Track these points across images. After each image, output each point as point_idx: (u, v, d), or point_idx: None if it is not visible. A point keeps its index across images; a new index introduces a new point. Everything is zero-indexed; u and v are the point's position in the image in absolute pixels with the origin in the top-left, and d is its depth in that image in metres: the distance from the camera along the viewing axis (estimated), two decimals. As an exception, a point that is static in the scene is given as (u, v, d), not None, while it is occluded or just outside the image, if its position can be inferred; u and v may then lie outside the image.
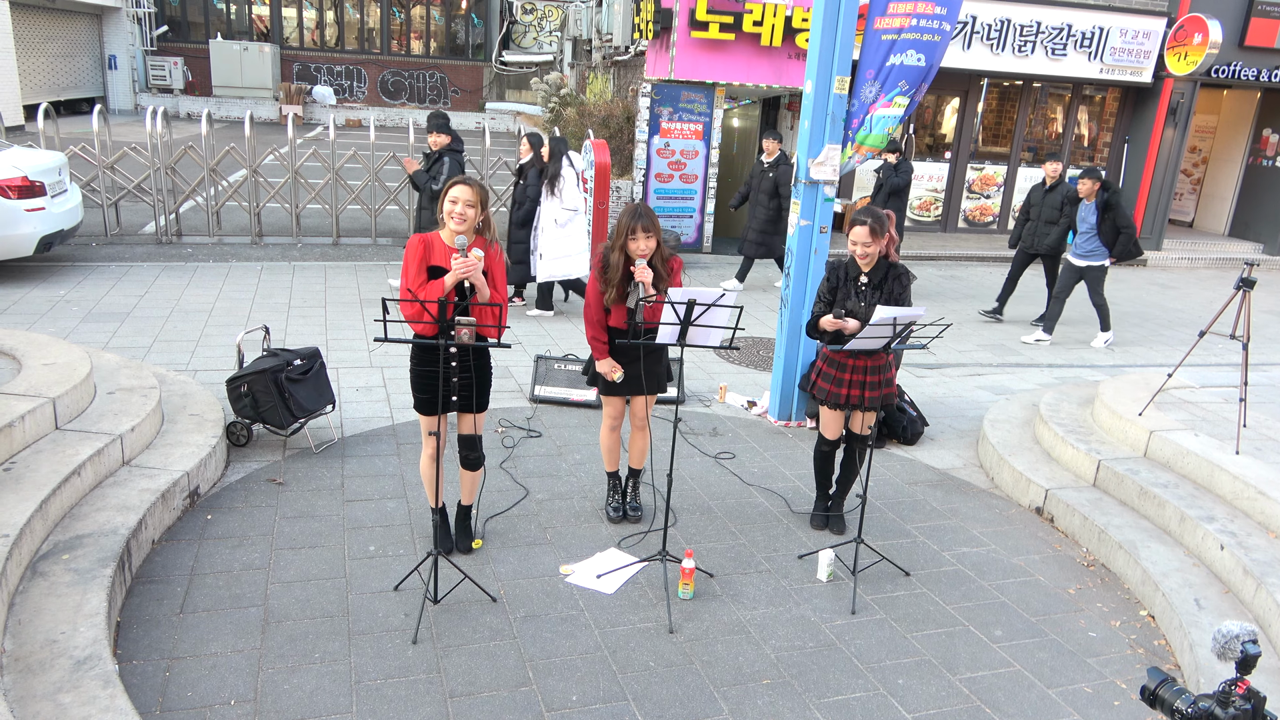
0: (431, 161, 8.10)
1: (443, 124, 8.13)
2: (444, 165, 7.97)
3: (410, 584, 4.13)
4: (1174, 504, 4.87)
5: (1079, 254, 8.94)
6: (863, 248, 4.49)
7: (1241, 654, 2.00)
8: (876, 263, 4.56)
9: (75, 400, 4.79)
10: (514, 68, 27.06)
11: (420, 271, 3.92)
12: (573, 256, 8.40)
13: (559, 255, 8.31)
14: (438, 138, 8.06)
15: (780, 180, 9.73)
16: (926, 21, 5.84)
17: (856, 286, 4.59)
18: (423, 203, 8.10)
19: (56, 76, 21.60)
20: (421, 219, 8.14)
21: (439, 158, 8.05)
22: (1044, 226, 9.35)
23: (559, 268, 8.35)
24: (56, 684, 3.07)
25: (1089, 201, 8.68)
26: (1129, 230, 8.65)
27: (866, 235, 4.46)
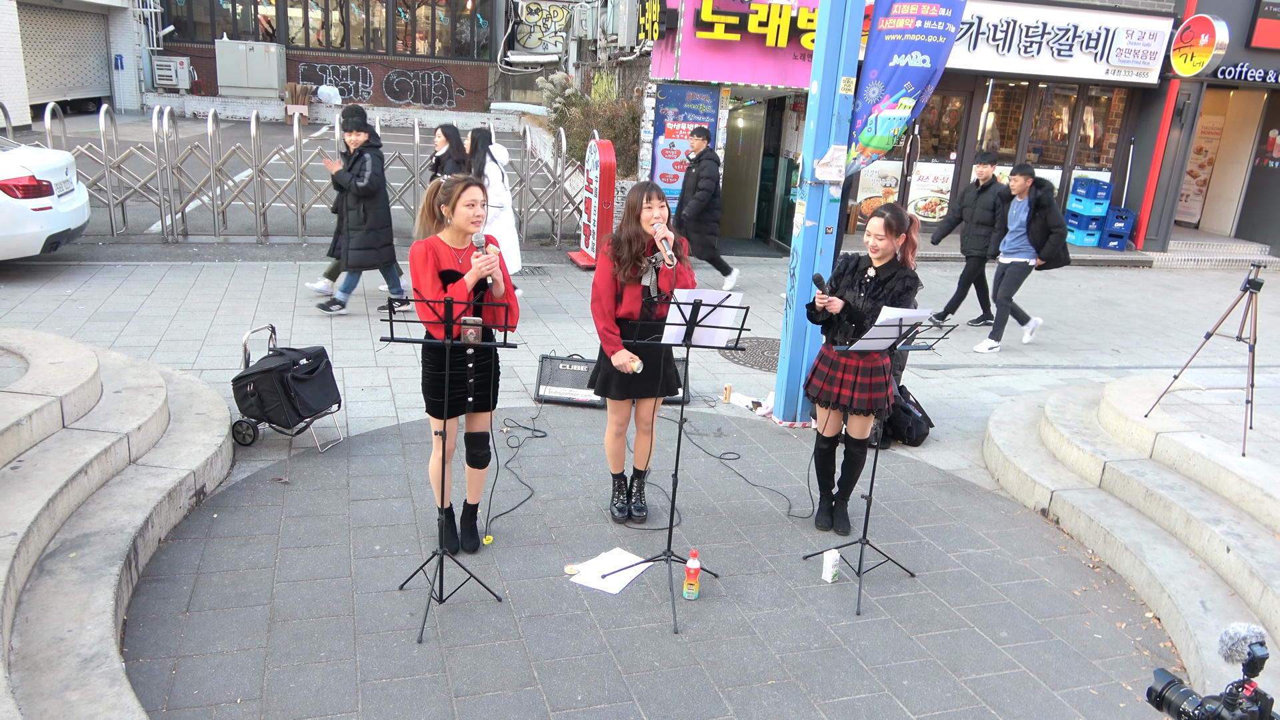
0: (352, 160, 7.86)
1: (359, 121, 7.91)
2: (365, 162, 7.77)
3: (415, 583, 4.14)
4: (1180, 506, 4.86)
5: (1005, 251, 8.68)
6: (875, 239, 4.49)
7: (1249, 656, 1.99)
8: (889, 261, 4.56)
9: (82, 399, 4.80)
10: (519, 68, 27.09)
11: (435, 278, 3.91)
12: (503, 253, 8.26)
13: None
14: (355, 136, 7.83)
15: (701, 175, 9.51)
16: (931, 23, 5.83)
17: (862, 278, 4.60)
18: (349, 202, 7.88)
19: (63, 76, 21.66)
20: (349, 219, 7.89)
21: (359, 155, 7.83)
22: (976, 228, 9.06)
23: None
24: (64, 681, 3.08)
25: (1021, 199, 8.44)
26: (1059, 231, 8.42)
27: (881, 228, 4.46)
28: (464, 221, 3.93)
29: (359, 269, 8.12)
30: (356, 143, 7.84)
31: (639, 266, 4.38)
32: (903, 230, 4.49)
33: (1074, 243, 14.60)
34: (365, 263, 8.06)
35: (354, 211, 7.89)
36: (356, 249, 7.97)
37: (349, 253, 7.99)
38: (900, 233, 4.49)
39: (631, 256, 4.36)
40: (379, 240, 8.04)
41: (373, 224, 7.96)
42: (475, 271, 3.86)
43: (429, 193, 3.98)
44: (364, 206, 7.86)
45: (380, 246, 8.06)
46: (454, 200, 3.90)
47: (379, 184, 7.87)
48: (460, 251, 3.98)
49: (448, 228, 3.97)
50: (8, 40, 18.07)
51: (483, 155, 8.04)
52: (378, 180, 7.83)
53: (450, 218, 3.93)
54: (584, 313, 8.85)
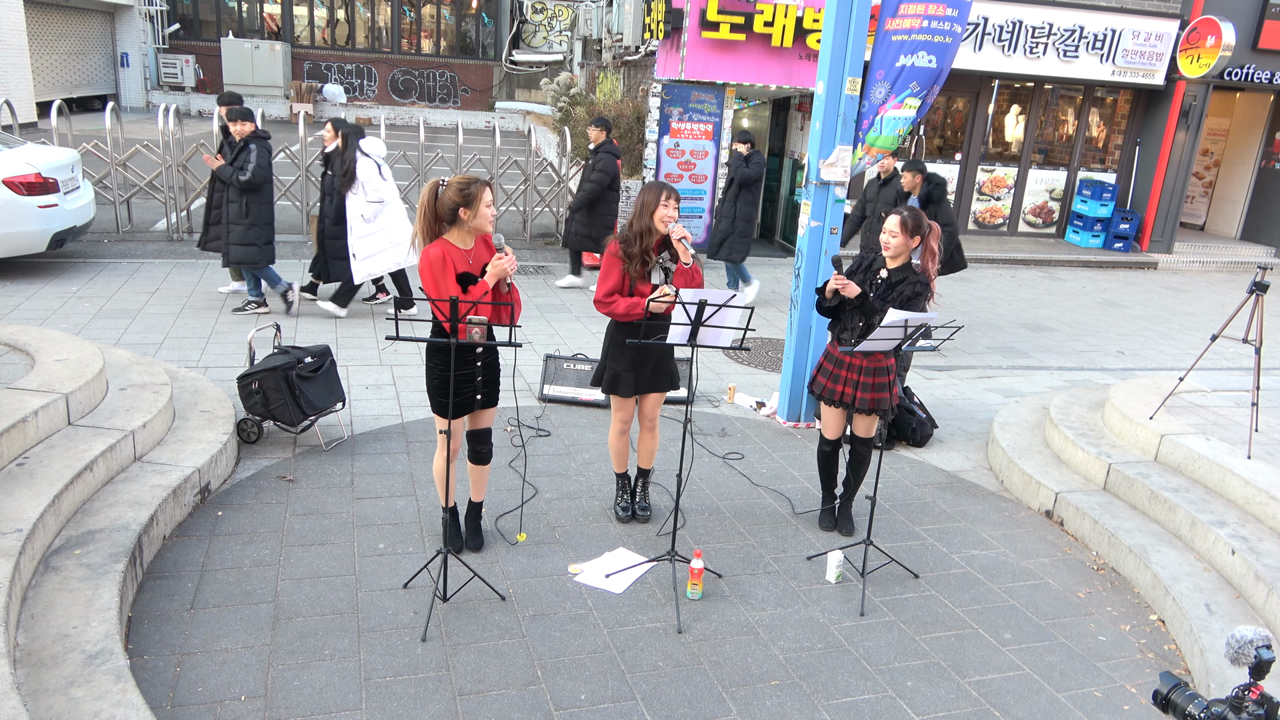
0: (237, 151, 7.50)
1: (245, 110, 7.58)
2: (250, 154, 7.43)
3: (419, 582, 4.14)
4: (1185, 508, 4.85)
5: None
6: (889, 236, 4.48)
7: (1255, 659, 1.99)
8: (902, 265, 4.56)
9: (88, 396, 4.81)
10: (524, 67, 27.10)
11: (454, 281, 3.91)
12: (388, 251, 7.84)
13: (372, 253, 7.78)
14: (242, 126, 7.49)
15: (595, 167, 9.22)
16: (938, 23, 5.83)
17: (874, 278, 4.60)
18: (230, 195, 7.53)
19: (69, 74, 21.70)
20: (229, 213, 7.55)
21: (244, 146, 7.48)
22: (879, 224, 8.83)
23: (376, 265, 7.82)
24: (69, 678, 3.09)
25: (915, 195, 8.16)
26: (950, 229, 8.07)
27: (897, 226, 4.47)
28: (484, 221, 3.95)
29: (239, 266, 7.78)
30: (242, 133, 7.50)
31: (647, 263, 4.38)
32: (919, 232, 4.48)
33: (1079, 244, 14.60)
34: (246, 259, 7.68)
35: (235, 205, 7.54)
36: (237, 244, 7.59)
37: (229, 248, 7.64)
38: (916, 234, 4.48)
39: (641, 253, 4.37)
40: (261, 237, 7.67)
41: (254, 219, 7.60)
42: (495, 273, 3.87)
43: (428, 193, 3.95)
44: (246, 201, 7.50)
45: (263, 244, 7.70)
46: (476, 202, 3.90)
47: (264, 177, 7.55)
48: (468, 252, 3.98)
49: (457, 228, 3.97)
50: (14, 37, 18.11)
51: (352, 151, 7.63)
52: (262, 174, 7.51)
53: (470, 219, 3.92)
54: (588, 312, 8.85)
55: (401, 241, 7.87)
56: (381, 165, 7.79)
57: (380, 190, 7.72)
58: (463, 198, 3.88)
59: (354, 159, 7.60)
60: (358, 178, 7.59)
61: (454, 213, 3.91)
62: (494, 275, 3.88)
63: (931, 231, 4.57)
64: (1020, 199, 14.72)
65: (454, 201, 3.89)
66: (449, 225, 3.96)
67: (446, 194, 3.90)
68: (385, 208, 7.79)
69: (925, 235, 4.53)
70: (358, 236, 7.71)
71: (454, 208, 3.90)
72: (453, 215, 3.92)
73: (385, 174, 7.82)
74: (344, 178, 7.59)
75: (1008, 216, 14.78)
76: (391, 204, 7.87)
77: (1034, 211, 14.87)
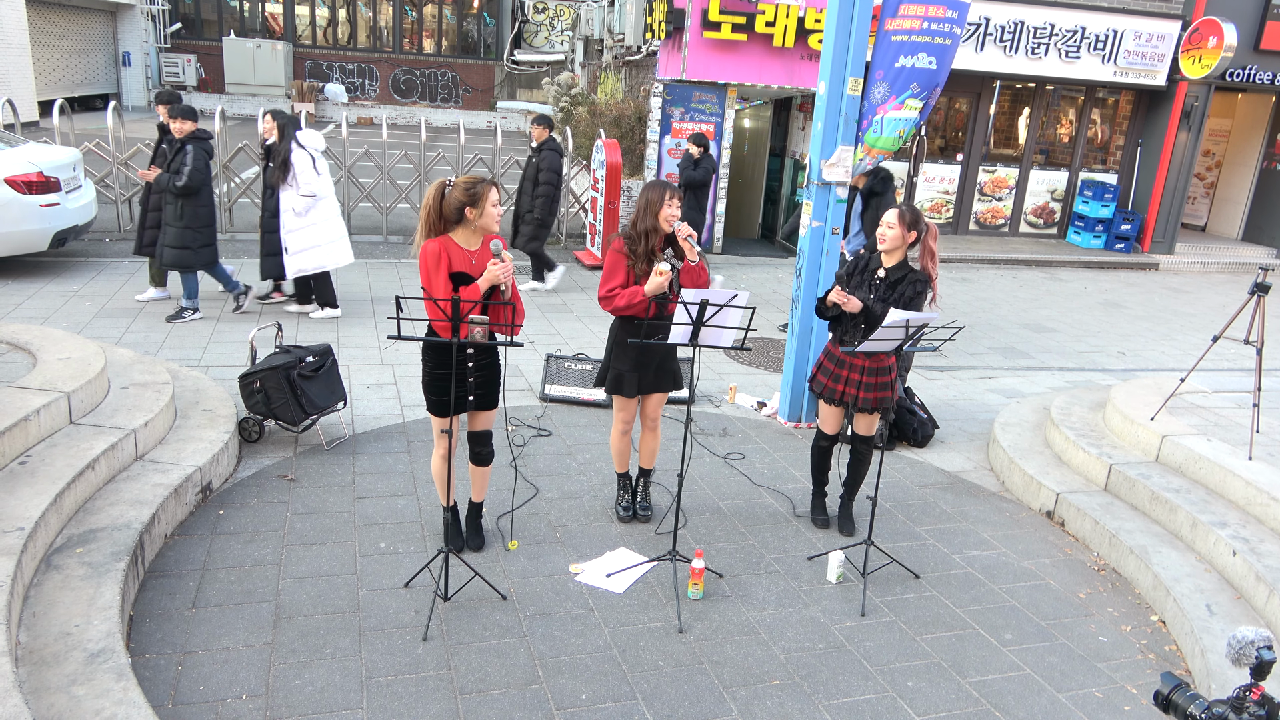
0: (175, 151, 7.19)
1: (188, 109, 7.25)
2: (186, 155, 7.13)
3: (421, 581, 4.14)
4: (1186, 509, 4.85)
5: (847, 246, 8.03)
6: (885, 227, 4.48)
7: (1256, 660, 1.99)
8: (899, 263, 4.56)
9: (89, 395, 4.82)
10: (525, 67, 27.11)
11: (447, 279, 3.91)
12: (322, 247, 7.65)
13: (305, 247, 7.58)
14: (182, 124, 7.16)
15: (541, 166, 8.99)
16: (938, 24, 5.83)
17: (872, 279, 4.60)
18: (167, 197, 7.24)
19: (71, 73, 21.72)
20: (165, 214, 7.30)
21: (181, 146, 7.16)
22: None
23: (307, 261, 7.63)
24: (70, 676, 3.09)
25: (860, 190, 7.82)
26: None
27: (894, 217, 4.48)
28: (490, 221, 3.95)
29: (175, 269, 7.52)
30: (183, 131, 7.20)
31: (651, 262, 4.39)
32: (916, 228, 4.49)
33: (1080, 244, 14.59)
34: (181, 263, 7.41)
35: (171, 207, 7.29)
36: (172, 247, 7.33)
37: (164, 250, 7.38)
38: (913, 229, 4.49)
39: (646, 251, 4.38)
40: (197, 240, 7.39)
41: (190, 222, 7.32)
42: (489, 278, 3.87)
43: (434, 193, 3.95)
44: (182, 203, 7.28)
45: (199, 247, 7.41)
46: (482, 202, 3.90)
47: (201, 180, 7.26)
48: (473, 252, 3.98)
49: (463, 227, 3.97)
50: (16, 37, 18.12)
51: (288, 142, 7.39)
52: (199, 177, 7.22)
53: (476, 218, 3.93)
54: (589, 311, 8.85)
55: (336, 241, 7.71)
56: (317, 158, 7.57)
57: (315, 184, 7.50)
58: (469, 197, 3.89)
59: (289, 150, 7.39)
60: (292, 169, 7.39)
61: (460, 212, 3.92)
62: (487, 280, 3.87)
63: (929, 231, 4.57)
64: (1022, 200, 14.72)
65: (460, 201, 3.90)
66: (454, 225, 3.97)
67: (453, 194, 3.90)
68: (319, 203, 7.58)
69: (923, 232, 4.53)
70: (289, 230, 7.53)
71: (460, 207, 3.91)
72: (459, 215, 3.93)
73: (321, 168, 7.60)
74: (279, 169, 7.41)
75: (1009, 217, 14.78)
76: (326, 200, 7.67)
77: (1035, 212, 14.87)
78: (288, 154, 7.38)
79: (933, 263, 4.58)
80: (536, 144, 9.07)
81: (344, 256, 7.84)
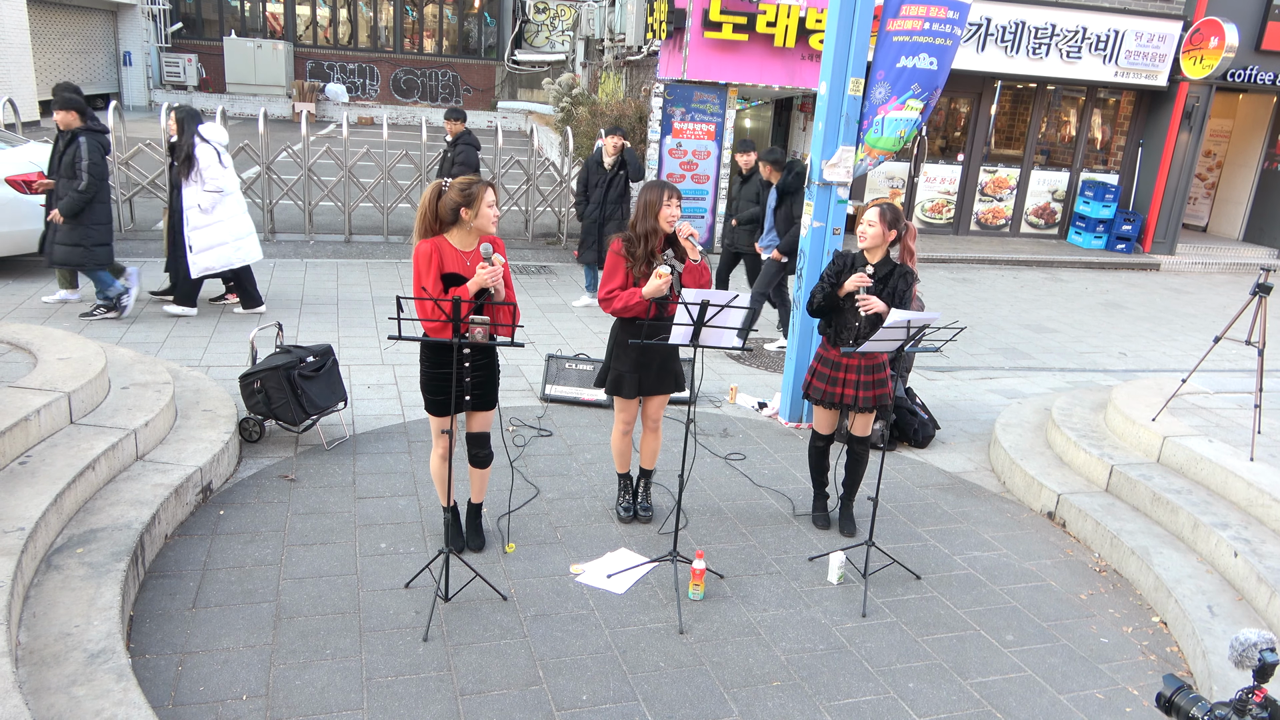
0: (65, 145, 6.89)
1: (71, 99, 6.87)
2: (80, 149, 6.85)
3: (421, 581, 4.14)
4: (1187, 510, 4.85)
5: (763, 244, 7.85)
6: (866, 225, 4.49)
7: (1259, 662, 1.98)
8: (884, 259, 4.57)
9: (90, 395, 4.81)
10: (526, 67, 27.10)
11: (437, 280, 3.91)
12: (228, 245, 7.46)
13: (210, 245, 7.38)
14: (66, 115, 6.83)
15: (457, 161, 8.82)
16: (939, 25, 5.82)
17: (850, 269, 4.60)
18: (59, 190, 6.96)
19: (72, 72, 21.72)
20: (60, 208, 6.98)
21: (72, 139, 6.89)
22: (744, 223, 8.13)
23: (213, 259, 7.42)
24: (70, 677, 3.09)
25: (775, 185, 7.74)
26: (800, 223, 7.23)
27: (875, 216, 4.51)
28: (486, 222, 3.95)
29: (64, 267, 7.28)
30: (68, 123, 6.88)
31: (651, 263, 4.38)
32: (896, 226, 4.52)
33: (1081, 245, 14.58)
34: (70, 260, 7.14)
35: (64, 201, 7.01)
36: (62, 244, 7.07)
37: (54, 247, 7.13)
38: (893, 227, 4.51)
39: (646, 253, 4.37)
40: (90, 238, 7.10)
41: (85, 219, 7.05)
42: (478, 281, 3.85)
43: (430, 194, 3.95)
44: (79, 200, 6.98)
45: (92, 246, 7.12)
46: (477, 203, 3.90)
47: (100, 175, 7.00)
48: (467, 254, 3.98)
49: (458, 228, 3.96)
50: (17, 36, 18.12)
51: (190, 136, 7.13)
52: (98, 171, 6.96)
53: (472, 220, 3.92)
54: (590, 311, 8.84)
55: (243, 239, 7.51)
56: (222, 153, 7.36)
57: (220, 179, 7.28)
58: (464, 198, 3.89)
59: (191, 144, 7.14)
60: (195, 164, 7.16)
61: (455, 213, 3.91)
62: (475, 284, 3.86)
63: (908, 230, 4.60)
64: (1023, 200, 14.71)
65: (455, 202, 3.89)
66: (449, 225, 3.96)
67: (449, 194, 3.90)
68: (225, 198, 7.38)
69: (902, 232, 4.57)
70: (194, 228, 7.31)
71: (455, 208, 3.90)
72: (454, 216, 3.92)
73: (226, 162, 7.42)
74: (183, 165, 7.17)
75: (1010, 217, 14.77)
76: (232, 195, 7.46)
77: (1036, 213, 14.87)
78: (190, 149, 7.14)
79: (911, 261, 4.62)
80: (452, 138, 8.84)
81: (252, 254, 7.62)
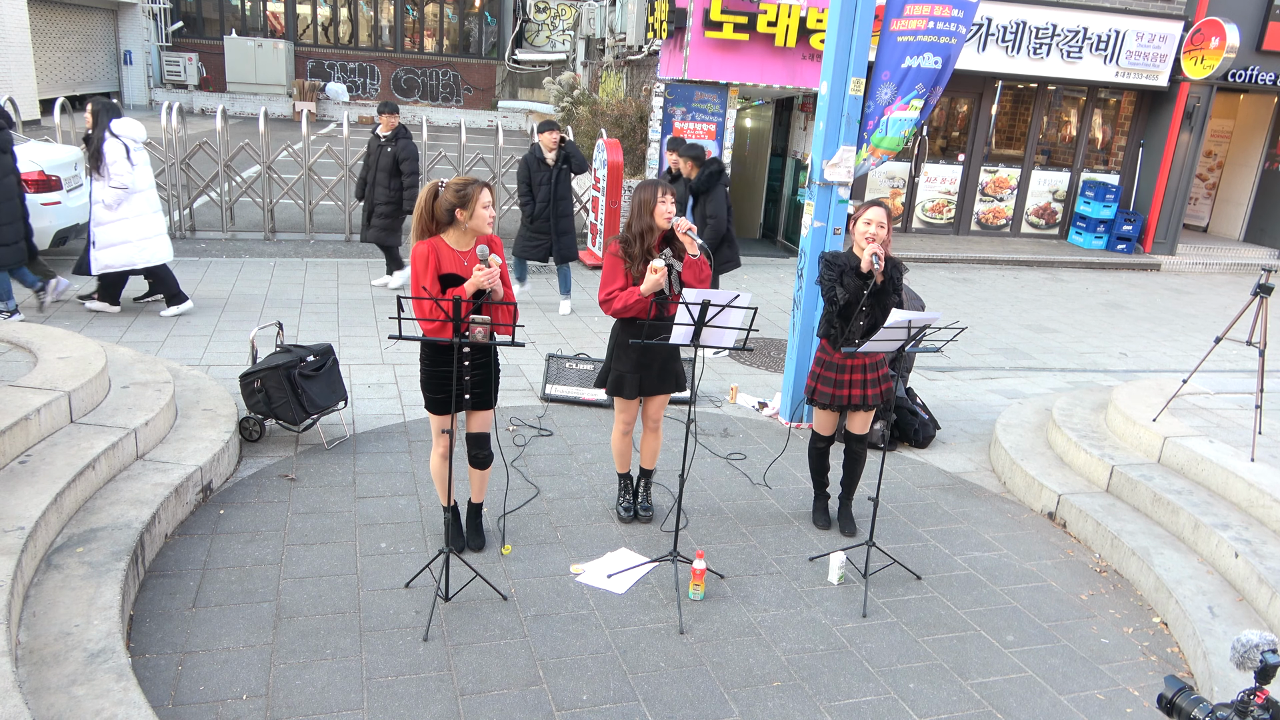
0: None
1: None
2: None
3: (421, 581, 4.14)
4: (1188, 511, 4.84)
5: None
6: (877, 227, 4.50)
7: (1261, 663, 1.98)
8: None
9: (90, 394, 4.81)
10: (527, 66, 27.10)
11: (434, 281, 3.91)
12: (133, 243, 7.26)
13: (114, 243, 7.18)
14: None
15: (400, 156, 8.54)
16: (944, 24, 5.82)
17: (856, 274, 4.60)
18: None
19: (72, 71, 21.72)
20: None
21: None
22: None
23: (115, 257, 7.22)
24: (70, 676, 3.08)
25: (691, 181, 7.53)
26: (715, 221, 7.30)
27: (884, 217, 4.53)
28: (481, 223, 3.94)
29: None
30: None
31: (648, 263, 4.38)
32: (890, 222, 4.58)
33: (1082, 245, 14.58)
34: None
35: None
36: None
37: None
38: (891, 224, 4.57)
39: (643, 252, 4.36)
40: (2, 237, 6.93)
41: None
42: (475, 283, 3.85)
43: (426, 195, 3.95)
44: None
45: (4, 244, 6.94)
46: (472, 203, 3.89)
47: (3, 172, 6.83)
48: (464, 254, 3.97)
49: (454, 229, 3.96)
50: (18, 35, 18.12)
51: (102, 130, 6.93)
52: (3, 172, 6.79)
53: (467, 220, 3.91)
54: (590, 311, 8.84)
55: (150, 239, 7.33)
56: (132, 150, 7.13)
57: (125, 177, 7.05)
58: (459, 199, 3.88)
59: (102, 139, 6.95)
60: (104, 159, 6.95)
61: (450, 214, 3.91)
62: (472, 286, 3.85)
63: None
64: (1023, 200, 14.70)
65: (450, 203, 3.89)
66: (446, 226, 3.96)
67: (444, 195, 3.90)
68: (131, 196, 7.19)
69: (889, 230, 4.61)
70: (99, 224, 7.13)
71: (450, 209, 3.90)
72: (449, 216, 3.92)
73: (136, 159, 7.17)
74: (92, 158, 6.99)
75: (1010, 217, 14.76)
76: (141, 194, 7.26)
77: (1037, 213, 14.86)
78: (100, 143, 6.95)
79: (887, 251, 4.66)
80: (388, 133, 8.60)
81: (159, 255, 7.41)
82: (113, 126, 7.05)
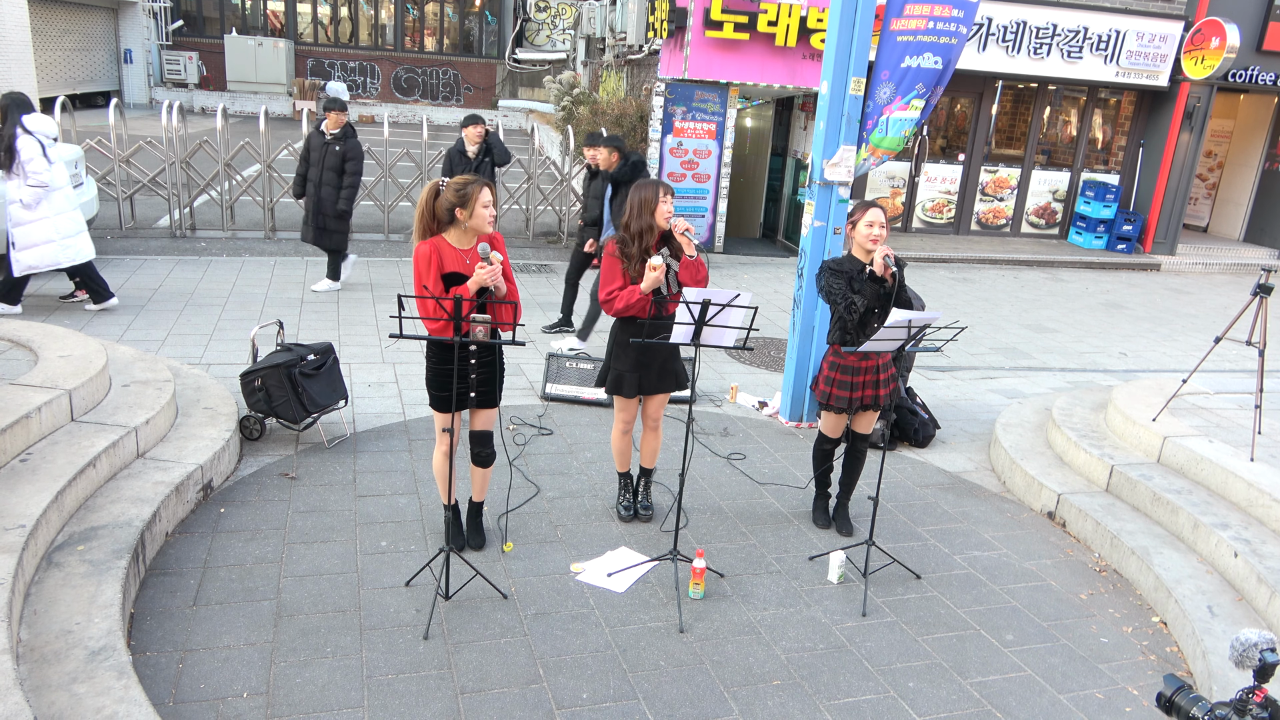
0: None
1: None
2: None
3: (422, 580, 4.14)
4: (1187, 510, 4.85)
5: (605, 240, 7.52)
6: (880, 228, 4.52)
7: (1260, 662, 1.99)
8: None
9: (91, 392, 4.81)
10: (527, 65, 27.09)
11: (437, 280, 3.91)
12: (55, 243, 7.07)
13: (34, 243, 6.97)
14: None
15: (348, 155, 8.38)
16: (944, 24, 5.82)
17: (862, 275, 4.61)
18: None
19: (73, 70, 21.71)
20: None
21: None
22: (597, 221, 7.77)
23: (37, 258, 7.01)
24: (71, 674, 3.09)
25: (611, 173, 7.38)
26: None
27: (883, 216, 4.57)
28: (481, 222, 3.94)
29: None
30: None
31: (645, 262, 4.38)
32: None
33: (1082, 245, 14.58)
34: None
35: None
36: None
37: None
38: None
39: (641, 252, 4.36)
40: None
41: None
42: (477, 280, 3.85)
43: (428, 194, 3.95)
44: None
45: None
46: (472, 203, 3.89)
47: None
48: (465, 252, 3.98)
49: (455, 228, 3.96)
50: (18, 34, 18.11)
51: (12, 126, 6.72)
52: None
53: (467, 220, 3.92)
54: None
55: (71, 237, 7.16)
56: (47, 146, 6.93)
57: (46, 174, 6.87)
58: (459, 198, 3.89)
59: (13, 134, 6.72)
60: (17, 156, 6.73)
61: (451, 213, 3.91)
62: (474, 284, 3.86)
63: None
64: (1023, 200, 14.70)
65: (450, 202, 3.90)
66: (446, 225, 3.97)
67: (444, 195, 3.91)
68: (50, 194, 7.00)
69: None
70: (16, 224, 6.91)
71: (451, 208, 3.90)
72: (450, 216, 3.92)
73: (52, 156, 7.00)
74: (4, 152, 6.77)
75: (1011, 217, 14.77)
76: (60, 191, 7.08)
77: (1037, 212, 14.86)
78: (11, 139, 6.73)
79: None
80: (335, 131, 8.39)
81: (82, 253, 7.26)
82: (25, 122, 6.82)
